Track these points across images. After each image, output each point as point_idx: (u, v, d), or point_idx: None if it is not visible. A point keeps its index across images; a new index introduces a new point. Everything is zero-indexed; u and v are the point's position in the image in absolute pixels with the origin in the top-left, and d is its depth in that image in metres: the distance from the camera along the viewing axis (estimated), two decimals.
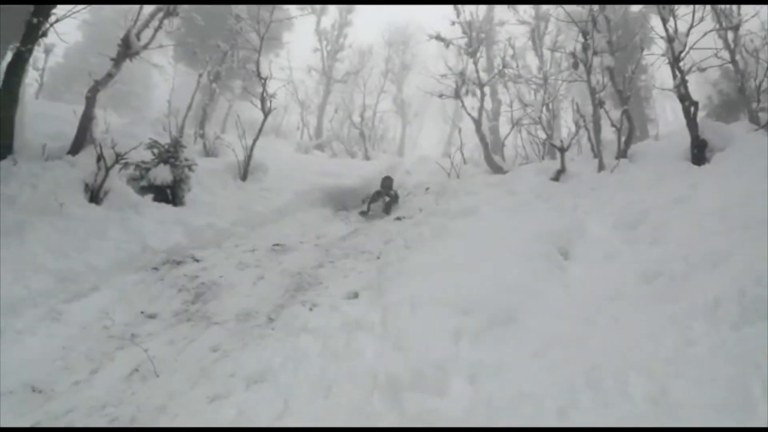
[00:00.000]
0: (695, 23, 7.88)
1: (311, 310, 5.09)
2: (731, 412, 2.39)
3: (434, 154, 22.93)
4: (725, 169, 6.38)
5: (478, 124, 12.17)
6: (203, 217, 7.66)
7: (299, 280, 6.15)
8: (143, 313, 5.04)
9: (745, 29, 9.12)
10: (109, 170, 6.83)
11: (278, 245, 7.53)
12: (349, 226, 9.37)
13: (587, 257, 5.29)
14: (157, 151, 8.12)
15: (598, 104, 9.19)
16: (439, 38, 12.62)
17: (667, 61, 8.04)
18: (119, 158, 6.92)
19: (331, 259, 7.00)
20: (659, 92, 15.07)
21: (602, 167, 8.40)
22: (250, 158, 10.47)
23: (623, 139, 8.81)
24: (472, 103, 12.37)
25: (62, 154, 7.23)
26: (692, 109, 7.71)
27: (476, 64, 12.41)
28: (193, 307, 5.27)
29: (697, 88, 11.64)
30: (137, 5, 8.26)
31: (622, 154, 8.62)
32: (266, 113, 10.96)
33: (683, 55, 7.78)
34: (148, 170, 7.90)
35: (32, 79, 16.68)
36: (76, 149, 7.42)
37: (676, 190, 6.18)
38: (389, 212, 10.13)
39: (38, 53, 15.53)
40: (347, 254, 7.18)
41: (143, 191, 7.65)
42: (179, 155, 8.19)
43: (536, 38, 14.31)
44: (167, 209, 7.51)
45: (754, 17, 8.74)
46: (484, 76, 13.00)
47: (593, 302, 4.19)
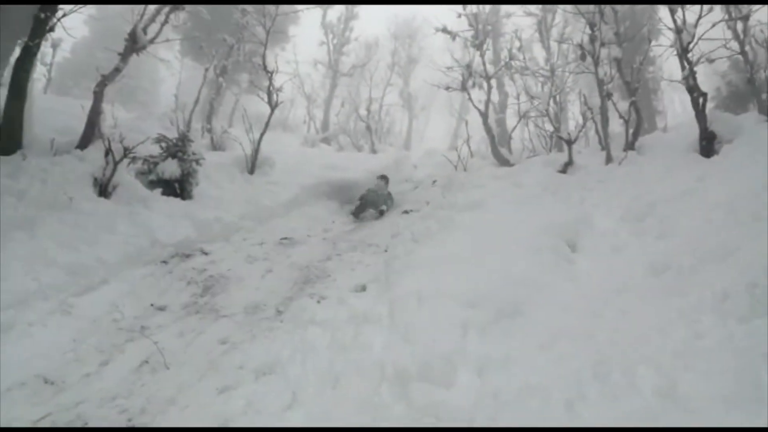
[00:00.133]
0: (704, 14, 7.80)
1: (319, 302, 5.11)
2: (740, 404, 2.39)
3: (441, 147, 22.92)
4: (734, 160, 6.33)
5: (484, 116, 12.13)
6: (211, 210, 7.69)
7: (307, 273, 6.17)
8: (153, 305, 5.08)
9: (754, 20, 9.01)
10: (117, 164, 6.86)
11: (286, 238, 7.56)
12: (355, 219, 9.40)
13: (595, 250, 5.28)
14: (164, 145, 8.15)
15: (605, 96, 9.14)
16: (445, 31, 12.55)
17: (675, 52, 7.98)
18: (127, 152, 6.95)
19: (338, 252, 7.02)
20: (667, 84, 14.98)
21: (610, 159, 8.36)
22: (257, 152, 10.49)
23: (631, 131, 8.77)
24: (478, 95, 12.32)
25: (71, 148, 7.27)
26: (701, 100, 7.66)
27: (483, 56, 12.35)
28: (201, 299, 5.31)
29: (705, 79, 11.58)
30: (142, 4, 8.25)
31: (629, 146, 8.58)
32: (273, 107, 10.97)
33: (692, 46, 7.72)
34: (156, 164, 7.94)
35: (40, 74, 16.72)
36: (84, 144, 7.47)
37: (684, 182, 6.15)
38: (382, 216, 9.49)
39: (46, 48, 15.59)
40: (354, 247, 7.20)
41: (152, 185, 7.69)
42: (187, 149, 8.22)
43: (543, 30, 14.25)
44: (175, 203, 7.54)
45: (763, 7, 8.64)
46: (490, 68, 12.94)
47: (601, 295, 4.19)
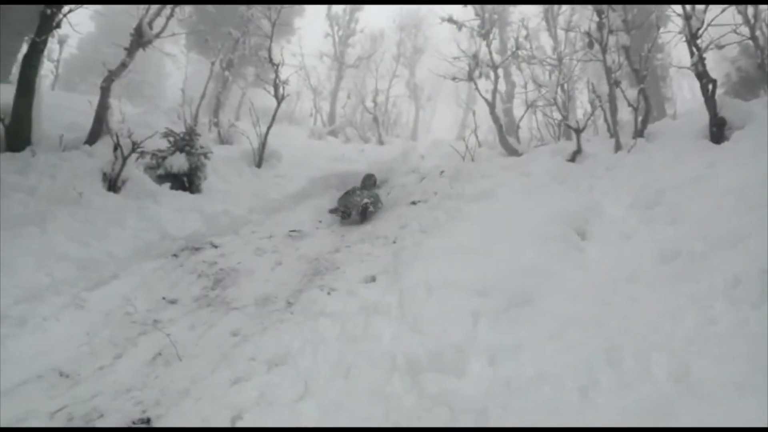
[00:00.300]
0: None
1: (329, 294, 5.13)
2: (753, 389, 2.39)
3: (448, 137, 22.81)
4: (744, 147, 6.26)
5: (492, 106, 12.05)
6: (220, 204, 7.72)
7: (316, 265, 6.20)
8: (164, 299, 5.12)
9: (765, 4, 8.91)
10: (126, 159, 6.89)
11: (294, 231, 7.58)
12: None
13: (604, 238, 5.26)
14: (172, 139, 8.17)
15: (614, 84, 9.05)
16: (451, 21, 12.47)
17: (684, 38, 7.88)
18: (136, 147, 6.97)
19: (347, 244, 7.04)
20: (676, 71, 14.84)
21: (619, 147, 8.30)
22: (264, 145, 10.50)
23: (640, 118, 8.69)
24: (485, 85, 12.23)
25: (79, 144, 7.31)
26: (710, 86, 7.58)
27: (489, 45, 12.26)
28: (212, 292, 5.35)
29: (715, 65, 11.48)
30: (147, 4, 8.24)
31: (638, 133, 8.51)
32: (279, 100, 10.96)
33: (701, 32, 7.62)
34: (164, 159, 7.97)
35: (47, 70, 16.82)
36: (92, 139, 7.50)
37: (694, 169, 6.10)
38: (365, 220, 8.53)
39: (53, 44, 15.67)
40: (363, 239, 7.21)
41: (160, 180, 7.72)
42: (195, 143, 8.24)
43: (550, 18, 14.11)
44: (184, 197, 7.57)
45: None
46: (497, 57, 12.82)
47: (611, 283, 4.18)
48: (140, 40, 7.94)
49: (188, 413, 3.30)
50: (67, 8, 7.09)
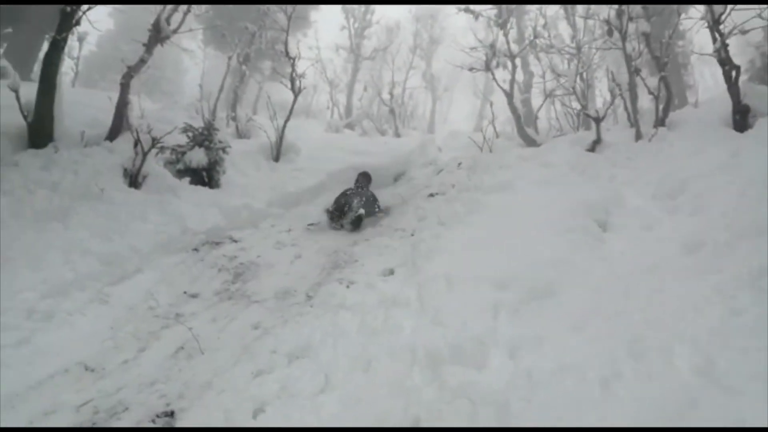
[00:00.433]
0: None
1: (348, 287, 5.14)
2: None
3: (465, 128, 22.72)
4: None
5: (509, 96, 11.97)
6: (239, 198, 7.78)
7: (335, 258, 6.21)
8: (186, 293, 5.18)
9: None
10: (146, 155, 6.96)
11: (313, 224, 7.60)
12: (381, 203, 9.36)
13: (626, 229, 5.19)
14: (191, 134, 8.25)
15: (634, 72, 8.92)
16: (467, 10, 12.40)
17: (706, 24, 7.72)
18: (155, 143, 7.05)
19: (365, 237, 7.04)
20: (698, 57, 14.57)
21: (639, 136, 8.19)
22: (282, 139, 10.55)
23: (661, 107, 8.55)
24: (503, 75, 12.16)
25: (100, 140, 7.41)
26: (733, 73, 7.41)
27: (506, 35, 12.16)
28: (233, 286, 5.40)
29: (738, 51, 11.21)
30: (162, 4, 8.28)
31: (660, 122, 8.38)
32: (296, 93, 11.00)
33: (724, 17, 7.46)
34: (183, 154, 8.05)
35: (68, 68, 17.03)
36: (113, 135, 7.60)
37: (717, 157, 5.99)
38: (359, 227, 7.49)
39: (72, 42, 15.83)
40: (381, 232, 7.21)
41: (180, 174, 7.80)
42: (213, 138, 8.31)
43: (568, 6, 13.93)
44: (204, 191, 7.65)
45: None
46: (515, 47, 12.74)
47: (633, 274, 4.12)
48: (158, 35, 8.01)
49: (211, 406, 3.33)
50: (86, 6, 7.17)
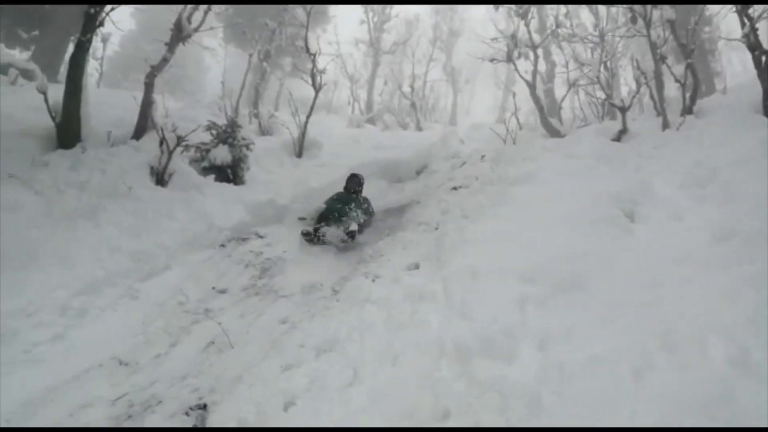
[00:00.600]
0: None
1: (374, 281, 5.15)
2: None
3: (488, 120, 22.55)
4: None
5: (532, 87, 11.84)
6: (263, 194, 7.83)
7: (360, 252, 6.23)
8: (214, 288, 5.26)
9: None
10: (171, 153, 7.05)
11: None
12: (404, 197, 9.37)
13: (654, 219, 5.10)
14: (215, 132, 8.32)
15: (659, 60, 8.76)
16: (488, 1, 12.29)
17: (734, 9, 7.55)
18: (180, 141, 7.12)
19: (389, 231, 7.04)
20: (725, 43, 14.24)
21: (666, 125, 8.05)
22: (304, 135, 10.59)
23: (688, 94, 8.39)
24: (525, 66, 12.01)
25: (126, 139, 7.51)
26: (763, 58, 7.24)
27: (528, 25, 12.00)
28: (260, 281, 5.46)
29: None
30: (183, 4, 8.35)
31: (687, 110, 8.23)
32: (317, 89, 11.02)
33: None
34: (208, 151, 8.13)
35: (92, 68, 17.26)
36: (139, 134, 7.70)
37: (747, 145, 5.85)
38: (354, 237, 6.83)
39: (96, 43, 16.05)
40: (405, 226, 7.20)
41: (205, 172, 7.89)
42: (236, 135, 8.37)
43: None
44: (228, 188, 7.72)
45: None
46: (536, 37, 12.56)
47: (663, 265, 4.05)
48: (180, 34, 8.08)
49: (242, 399, 3.37)
50: (109, 6, 7.26)
